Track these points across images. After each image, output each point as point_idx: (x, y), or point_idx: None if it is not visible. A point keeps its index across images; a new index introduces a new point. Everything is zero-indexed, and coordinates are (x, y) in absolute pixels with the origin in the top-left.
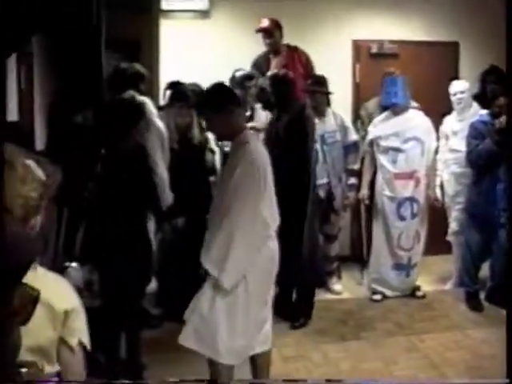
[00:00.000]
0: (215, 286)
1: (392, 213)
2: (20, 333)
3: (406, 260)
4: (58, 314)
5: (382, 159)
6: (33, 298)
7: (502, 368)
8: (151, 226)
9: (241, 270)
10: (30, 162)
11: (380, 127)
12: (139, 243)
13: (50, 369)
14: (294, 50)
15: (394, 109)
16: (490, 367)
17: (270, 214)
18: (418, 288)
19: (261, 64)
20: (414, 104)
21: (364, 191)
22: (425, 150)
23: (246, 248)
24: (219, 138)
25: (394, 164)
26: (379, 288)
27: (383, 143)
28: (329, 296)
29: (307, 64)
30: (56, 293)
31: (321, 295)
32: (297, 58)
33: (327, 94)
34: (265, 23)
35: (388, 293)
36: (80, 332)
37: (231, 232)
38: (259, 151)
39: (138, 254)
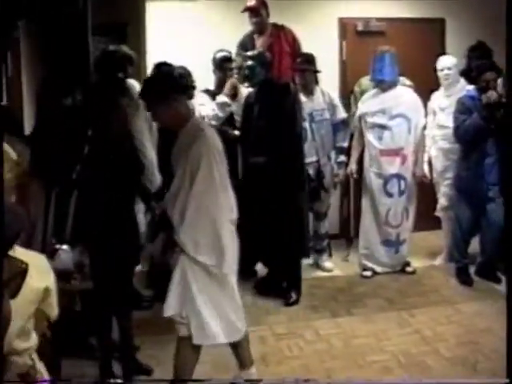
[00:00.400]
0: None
1: (379, 189)
2: (10, 306)
3: (394, 236)
4: (39, 291)
5: (369, 135)
6: (22, 270)
7: (494, 342)
8: (141, 206)
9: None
10: (4, 144)
11: (367, 103)
12: (127, 224)
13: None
14: (280, 29)
15: (381, 85)
16: (482, 341)
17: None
18: (407, 264)
19: (246, 44)
20: (406, 81)
21: (352, 166)
22: (412, 127)
23: (230, 234)
24: (165, 127)
25: (380, 140)
26: (369, 264)
27: (370, 119)
28: (319, 273)
29: (294, 43)
30: (36, 271)
31: (312, 272)
32: (283, 37)
33: (315, 72)
34: (251, 2)
35: (378, 269)
36: (56, 306)
37: (214, 219)
38: (216, 138)
39: (127, 235)
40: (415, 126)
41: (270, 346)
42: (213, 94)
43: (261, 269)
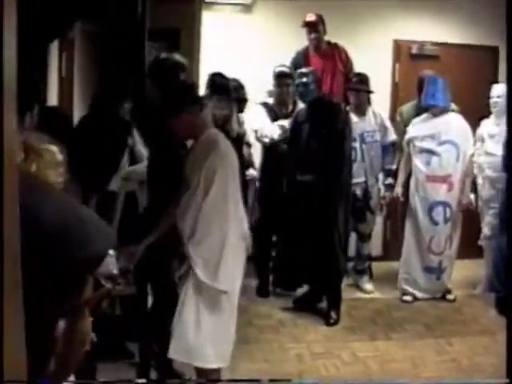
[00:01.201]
0: (198, 291)
1: (423, 215)
2: (90, 325)
3: (436, 263)
4: None
5: (416, 160)
6: (107, 292)
7: None
8: None
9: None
10: (53, 147)
11: (417, 127)
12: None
13: None
14: (334, 47)
15: (433, 110)
16: None
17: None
18: (449, 291)
19: (299, 60)
20: (455, 107)
21: (398, 189)
22: (460, 155)
23: (234, 249)
24: (181, 139)
25: (428, 166)
26: (410, 289)
27: (418, 144)
28: (360, 295)
29: (347, 62)
30: None
31: (352, 294)
32: (337, 56)
33: (369, 92)
34: (311, 17)
35: (418, 294)
36: None
37: (223, 234)
38: (230, 151)
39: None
40: (464, 153)
41: (307, 364)
42: (270, 109)
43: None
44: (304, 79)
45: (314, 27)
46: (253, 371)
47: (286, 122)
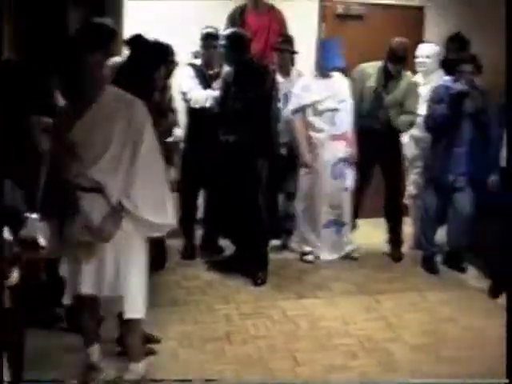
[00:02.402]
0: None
1: (328, 173)
2: None
3: (335, 217)
4: None
5: (318, 121)
6: None
7: (457, 331)
8: None
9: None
10: None
11: (315, 90)
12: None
13: None
14: (271, 8)
15: (322, 72)
16: (447, 330)
17: None
18: (354, 249)
19: (235, 18)
20: None
21: (307, 157)
22: (349, 110)
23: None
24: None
25: (332, 125)
26: (311, 247)
27: (321, 106)
28: (287, 254)
29: (282, 23)
30: None
31: (279, 253)
32: (273, 16)
33: (293, 53)
34: None
35: (319, 251)
36: None
37: (162, 181)
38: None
39: None
40: (351, 109)
41: (236, 324)
42: (198, 69)
43: (228, 245)
44: (223, 42)
45: None
46: (182, 333)
47: (217, 93)
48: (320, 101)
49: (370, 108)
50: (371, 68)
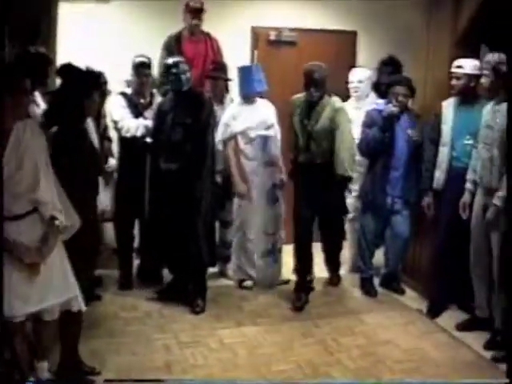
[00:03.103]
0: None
1: (260, 199)
2: None
3: (271, 245)
4: None
5: (250, 148)
6: None
7: (396, 353)
8: None
9: None
10: None
11: (246, 118)
12: None
13: None
14: (206, 36)
15: (248, 98)
16: (386, 352)
17: None
18: (286, 281)
19: (171, 46)
20: None
21: (242, 187)
22: (278, 136)
23: None
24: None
25: (264, 151)
26: (248, 274)
27: (252, 133)
28: (225, 281)
29: (218, 51)
30: None
31: (217, 281)
32: (209, 44)
33: (226, 80)
34: (198, 4)
35: (257, 279)
36: None
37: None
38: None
39: None
40: (279, 134)
41: (175, 354)
42: (129, 99)
43: (166, 275)
44: (174, 70)
45: (199, 13)
46: (121, 365)
47: (149, 123)
48: (251, 128)
49: (302, 142)
50: (298, 99)
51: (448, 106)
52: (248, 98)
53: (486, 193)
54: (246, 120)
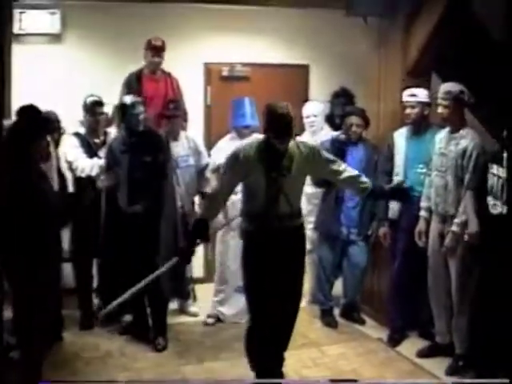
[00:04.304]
0: None
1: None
2: None
3: None
4: None
5: None
6: None
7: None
8: None
9: None
10: None
11: (229, 150)
12: None
13: None
14: (167, 75)
15: (240, 131)
16: None
17: None
18: None
19: (132, 83)
20: None
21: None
22: None
23: None
24: None
25: None
26: (219, 309)
27: None
28: (185, 318)
29: (177, 91)
30: None
31: (178, 318)
32: (169, 83)
33: (181, 118)
34: (158, 41)
35: (227, 316)
36: None
37: None
38: None
39: None
40: None
41: None
42: (83, 138)
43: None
44: (131, 110)
45: (161, 51)
46: None
47: (103, 162)
48: None
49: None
50: (250, 147)
51: (399, 136)
52: (239, 131)
53: (441, 220)
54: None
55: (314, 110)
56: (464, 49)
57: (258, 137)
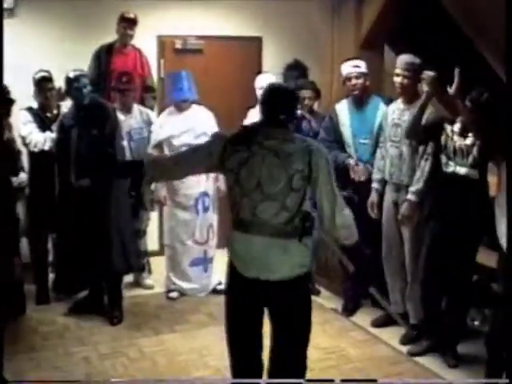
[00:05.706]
0: None
1: (188, 208)
2: None
3: (202, 254)
4: None
5: None
6: None
7: (318, 353)
8: None
9: None
10: None
11: (170, 125)
12: None
13: None
14: (137, 50)
15: (179, 105)
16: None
17: None
18: (219, 283)
19: (101, 57)
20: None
21: (163, 193)
22: None
23: None
24: None
25: None
26: (178, 284)
27: (176, 142)
28: (140, 291)
29: (146, 65)
30: None
31: (133, 291)
32: (138, 58)
33: (135, 91)
34: (131, 14)
35: (187, 288)
36: None
37: None
38: None
39: None
40: None
41: (95, 366)
42: (35, 113)
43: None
44: (75, 84)
45: (133, 24)
46: (41, 379)
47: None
48: (175, 136)
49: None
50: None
51: (342, 109)
52: (178, 105)
53: (396, 189)
54: (173, 128)
55: (266, 81)
56: (416, 21)
57: (199, 109)
